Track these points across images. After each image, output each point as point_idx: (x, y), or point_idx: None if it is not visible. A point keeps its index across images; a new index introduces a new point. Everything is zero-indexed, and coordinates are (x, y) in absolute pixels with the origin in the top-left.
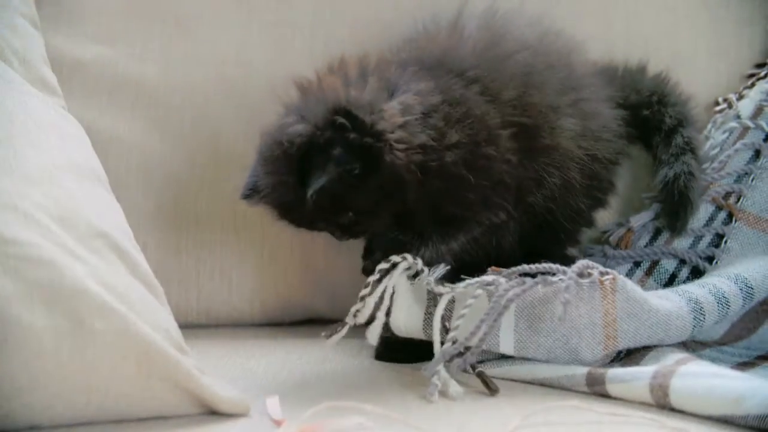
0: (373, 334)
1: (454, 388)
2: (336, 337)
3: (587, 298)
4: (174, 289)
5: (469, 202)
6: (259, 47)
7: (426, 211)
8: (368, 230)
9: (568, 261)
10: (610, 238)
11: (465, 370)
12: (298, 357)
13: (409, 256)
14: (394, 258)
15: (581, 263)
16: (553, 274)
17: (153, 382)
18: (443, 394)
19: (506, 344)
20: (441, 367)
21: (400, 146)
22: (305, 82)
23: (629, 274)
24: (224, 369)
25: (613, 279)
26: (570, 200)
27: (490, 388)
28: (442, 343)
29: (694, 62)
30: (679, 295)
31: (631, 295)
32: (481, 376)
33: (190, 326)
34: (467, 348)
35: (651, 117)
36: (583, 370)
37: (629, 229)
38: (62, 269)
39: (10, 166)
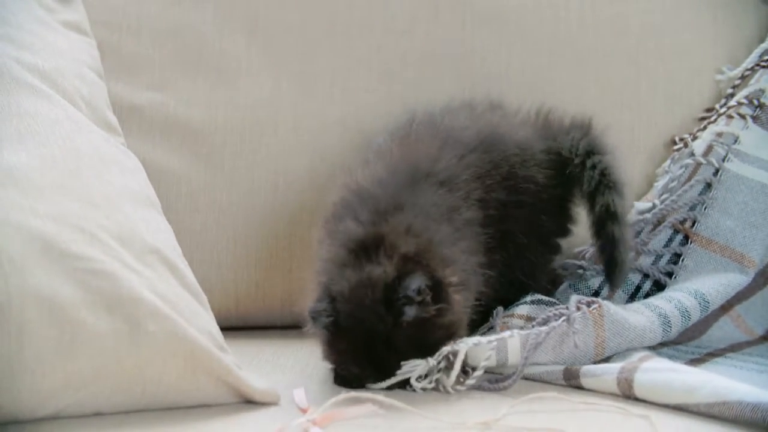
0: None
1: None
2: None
3: (581, 330)
4: (215, 298)
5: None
6: (286, 93)
7: None
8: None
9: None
10: (586, 255)
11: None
12: (321, 354)
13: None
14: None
15: (574, 299)
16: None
17: (198, 376)
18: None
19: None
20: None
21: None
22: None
23: (601, 286)
24: (258, 365)
25: (599, 306)
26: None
27: None
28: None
29: (653, 106)
30: (651, 310)
31: (615, 318)
32: None
33: (229, 329)
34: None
35: (575, 173)
36: (560, 367)
37: None
38: (121, 280)
39: (78, 194)
